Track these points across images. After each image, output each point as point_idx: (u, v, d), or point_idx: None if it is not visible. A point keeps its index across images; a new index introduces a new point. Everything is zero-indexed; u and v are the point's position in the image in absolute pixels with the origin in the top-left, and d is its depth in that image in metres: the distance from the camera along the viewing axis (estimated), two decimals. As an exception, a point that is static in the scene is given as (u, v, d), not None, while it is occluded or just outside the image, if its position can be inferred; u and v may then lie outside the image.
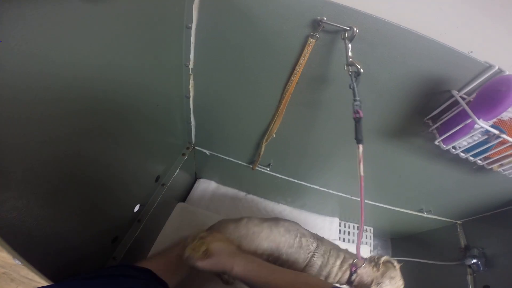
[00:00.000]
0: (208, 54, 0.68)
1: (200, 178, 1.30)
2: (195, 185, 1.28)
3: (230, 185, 1.31)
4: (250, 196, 1.30)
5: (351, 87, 0.51)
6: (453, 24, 0.56)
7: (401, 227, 1.33)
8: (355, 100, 0.51)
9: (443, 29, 0.55)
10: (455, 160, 0.72)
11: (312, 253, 0.78)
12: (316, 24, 0.53)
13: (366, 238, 1.32)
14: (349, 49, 0.51)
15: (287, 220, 0.84)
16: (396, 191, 1.02)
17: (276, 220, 0.82)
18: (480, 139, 0.54)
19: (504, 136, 0.51)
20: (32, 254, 0.44)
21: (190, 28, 0.61)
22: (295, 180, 1.04)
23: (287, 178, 1.04)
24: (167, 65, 0.65)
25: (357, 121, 0.50)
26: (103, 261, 0.73)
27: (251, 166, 0.99)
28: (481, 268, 1.00)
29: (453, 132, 0.54)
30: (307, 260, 0.77)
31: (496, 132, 0.50)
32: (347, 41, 0.51)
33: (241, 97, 0.77)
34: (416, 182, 0.94)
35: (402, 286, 0.75)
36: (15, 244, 0.39)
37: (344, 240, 1.27)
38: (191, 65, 0.70)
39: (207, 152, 1.03)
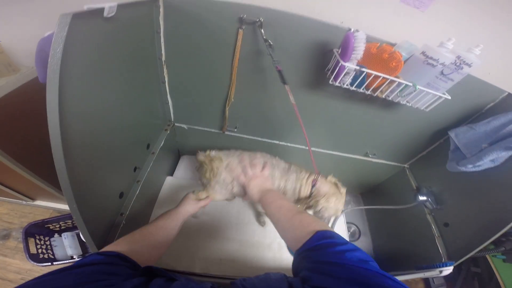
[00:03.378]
0: (175, 49, 1.02)
1: (183, 155, 1.63)
2: (179, 162, 1.61)
3: (209, 157, 1.64)
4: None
5: (268, 54, 0.89)
6: (328, 4, 0.95)
7: (363, 178, 1.63)
8: (274, 61, 0.89)
9: (321, 8, 0.95)
10: (365, 100, 1.06)
11: (287, 170, 1.05)
12: (241, 20, 0.89)
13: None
14: (262, 32, 0.88)
15: (261, 154, 1.12)
16: (338, 136, 1.32)
17: (254, 154, 1.11)
18: (354, 74, 0.88)
19: (365, 69, 0.85)
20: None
21: (159, 33, 0.96)
22: (258, 138, 1.37)
23: (252, 137, 1.37)
24: (145, 61, 0.97)
25: (280, 71, 0.89)
26: (114, 216, 0.94)
27: (222, 131, 1.34)
28: (434, 206, 1.19)
29: (336, 73, 0.89)
30: (286, 177, 1.03)
31: (357, 67, 0.84)
32: (259, 28, 0.88)
33: (203, 75, 1.10)
34: (347, 124, 1.23)
35: (341, 206, 1.01)
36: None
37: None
38: (163, 58, 1.04)
39: (185, 126, 1.37)
